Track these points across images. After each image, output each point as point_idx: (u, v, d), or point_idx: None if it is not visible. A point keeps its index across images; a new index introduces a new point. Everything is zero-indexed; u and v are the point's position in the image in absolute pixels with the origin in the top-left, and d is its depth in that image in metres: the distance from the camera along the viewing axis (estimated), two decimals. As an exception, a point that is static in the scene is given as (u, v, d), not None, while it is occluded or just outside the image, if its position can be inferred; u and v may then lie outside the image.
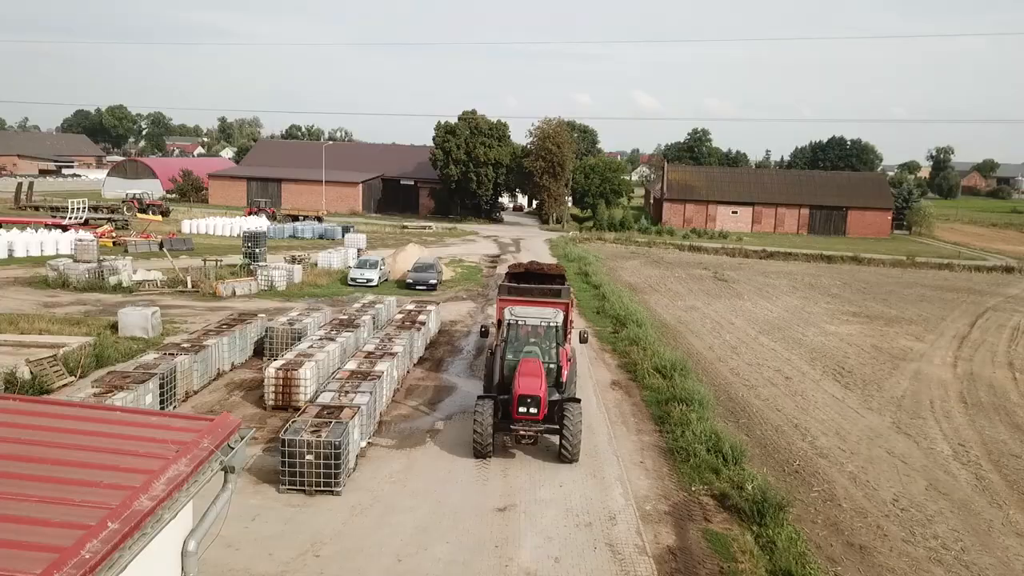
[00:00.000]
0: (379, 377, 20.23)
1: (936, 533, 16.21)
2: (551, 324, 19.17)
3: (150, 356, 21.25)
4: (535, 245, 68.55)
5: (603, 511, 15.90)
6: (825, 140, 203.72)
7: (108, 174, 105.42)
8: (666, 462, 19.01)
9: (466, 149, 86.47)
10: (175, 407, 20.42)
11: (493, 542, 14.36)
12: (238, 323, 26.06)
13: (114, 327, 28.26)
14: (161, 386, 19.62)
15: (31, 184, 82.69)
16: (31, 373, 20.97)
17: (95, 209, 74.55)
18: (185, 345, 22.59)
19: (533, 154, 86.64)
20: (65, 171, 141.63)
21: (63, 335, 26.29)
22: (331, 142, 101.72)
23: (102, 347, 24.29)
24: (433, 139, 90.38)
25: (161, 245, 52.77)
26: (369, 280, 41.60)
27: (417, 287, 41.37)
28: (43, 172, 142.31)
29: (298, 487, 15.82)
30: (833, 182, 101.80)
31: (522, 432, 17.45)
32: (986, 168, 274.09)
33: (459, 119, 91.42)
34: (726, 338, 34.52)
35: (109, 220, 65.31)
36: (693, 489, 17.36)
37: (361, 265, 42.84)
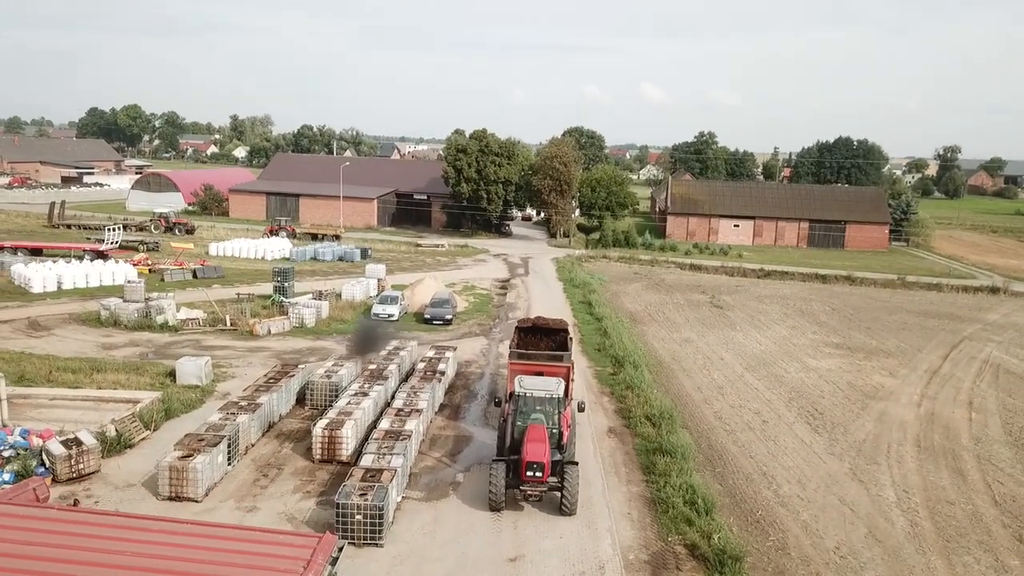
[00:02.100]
0: (409, 437, 24.12)
1: (865, 579, 19.98)
2: (554, 396, 22.83)
3: (215, 417, 25.13)
4: (543, 266, 72.25)
5: (594, 561, 19.72)
6: (832, 140, 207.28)
7: (132, 187, 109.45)
8: (649, 512, 22.81)
9: (477, 168, 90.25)
10: (239, 461, 24.34)
11: (506, 590, 18.23)
12: (283, 376, 29.96)
13: (171, 374, 32.22)
14: (228, 445, 23.58)
15: (63, 203, 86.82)
16: (116, 431, 24.93)
17: (124, 228, 78.92)
18: (243, 404, 26.46)
19: (541, 172, 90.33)
20: (86, 178, 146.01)
21: (132, 387, 30.26)
22: (347, 161, 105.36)
23: (169, 402, 28.23)
24: (445, 158, 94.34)
25: (195, 274, 56.81)
26: (391, 315, 45.51)
27: (434, 322, 45.24)
28: (65, 180, 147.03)
29: (349, 539, 19.69)
30: (832, 196, 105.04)
31: (529, 492, 21.23)
32: (993, 167, 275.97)
33: (470, 138, 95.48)
34: (714, 376, 38.23)
35: (141, 243, 69.44)
36: (669, 539, 21.16)
37: (383, 301, 46.71)
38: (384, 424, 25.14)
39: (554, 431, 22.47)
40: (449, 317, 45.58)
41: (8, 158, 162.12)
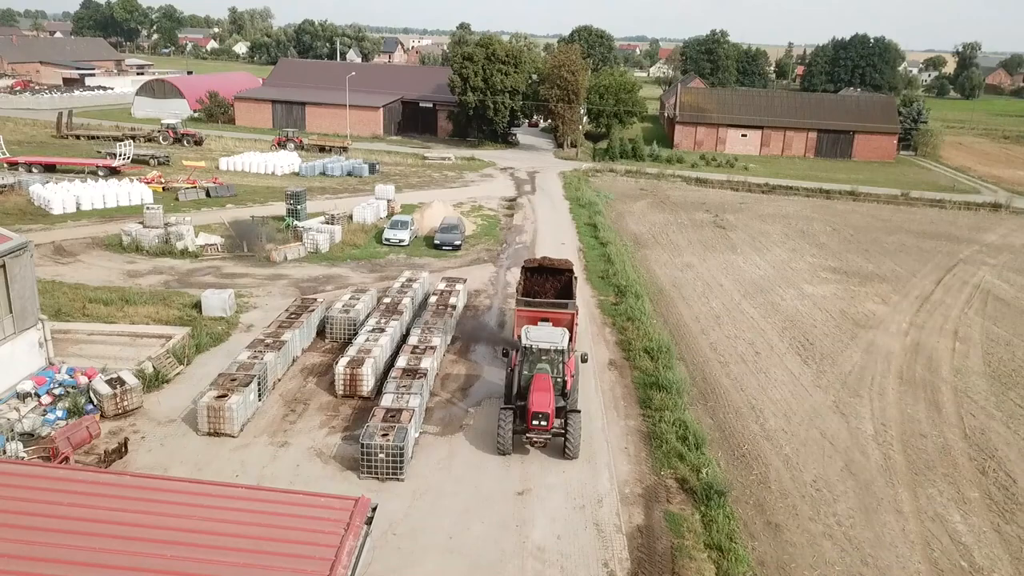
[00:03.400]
0: (425, 375, 26.12)
1: (836, 511, 22.23)
2: (558, 347, 24.49)
3: (244, 355, 27.06)
4: (550, 183, 72.91)
5: (593, 495, 21.97)
6: (848, 38, 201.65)
7: (137, 93, 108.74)
8: (645, 447, 24.98)
9: (483, 76, 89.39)
10: (268, 396, 26.44)
11: (515, 522, 20.52)
12: (303, 311, 31.75)
13: (197, 306, 34.06)
14: (258, 383, 25.63)
15: (70, 112, 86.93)
16: (153, 368, 26.96)
17: (133, 139, 79.48)
18: (268, 341, 28.35)
19: (548, 82, 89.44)
20: (88, 80, 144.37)
21: (161, 320, 32.15)
22: (353, 71, 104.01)
23: (199, 336, 30.18)
24: (451, 65, 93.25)
25: (208, 193, 57.98)
26: (401, 240, 46.99)
27: (443, 248, 46.74)
28: (67, 82, 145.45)
29: (373, 475, 21.94)
30: (842, 105, 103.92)
31: (535, 439, 23.16)
32: (1012, 64, 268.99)
33: (476, 45, 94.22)
34: (712, 305, 39.97)
35: (152, 157, 70.18)
36: (662, 473, 23.38)
37: (393, 226, 48.04)
38: (401, 362, 27.08)
39: (558, 380, 24.11)
40: (458, 243, 47.01)
41: (8, 58, 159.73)
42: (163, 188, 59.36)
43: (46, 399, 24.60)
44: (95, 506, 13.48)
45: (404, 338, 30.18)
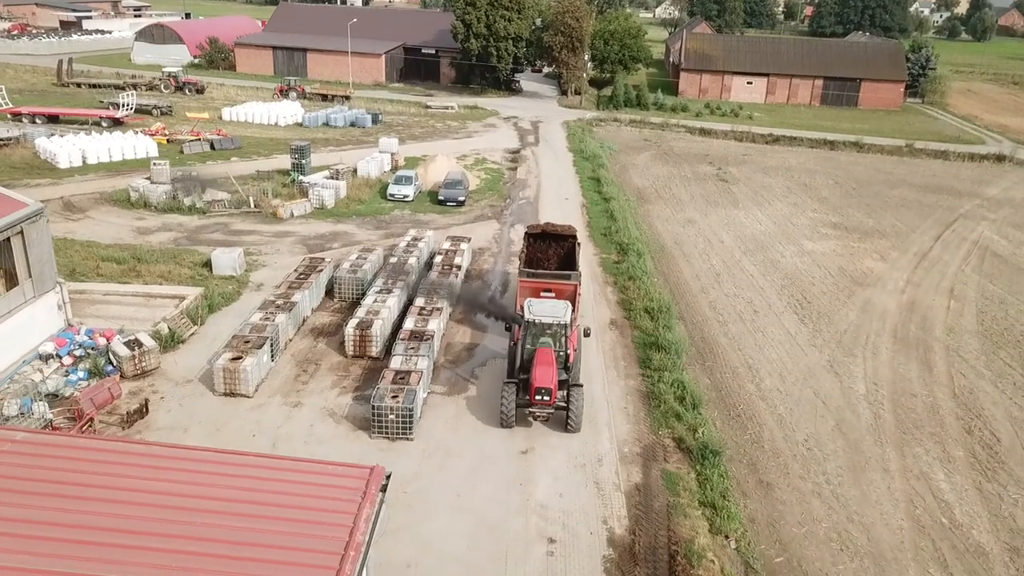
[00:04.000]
0: (432, 337, 26.98)
1: (825, 470, 23.28)
2: (561, 322, 24.57)
3: (256, 317, 27.90)
4: (553, 133, 72.75)
5: (594, 454, 23.01)
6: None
7: (136, 39, 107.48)
8: (643, 406, 25.95)
9: (486, 22, 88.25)
10: (280, 356, 27.36)
11: (519, 480, 21.59)
12: (312, 272, 32.46)
13: (207, 265, 34.77)
14: (271, 345, 26.51)
15: (71, 60, 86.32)
16: (169, 329, 27.83)
17: (134, 87, 79.16)
18: (279, 302, 29.14)
19: (552, 28, 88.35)
20: (86, 24, 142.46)
21: (173, 279, 32.92)
22: (355, 18, 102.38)
23: (211, 297, 30.97)
24: (454, 10, 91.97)
25: (212, 146, 58.14)
26: (405, 196, 47.43)
27: (447, 203, 47.17)
28: (64, 25, 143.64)
29: (384, 435, 22.96)
30: (849, 52, 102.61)
31: (537, 413, 23.53)
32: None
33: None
34: (713, 262, 40.60)
35: (155, 108, 70.02)
36: (659, 433, 24.38)
37: (398, 181, 48.39)
38: (409, 324, 27.91)
39: (561, 354, 24.21)
40: (462, 199, 47.41)
41: (3, 0, 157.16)
42: (167, 140, 59.52)
43: (67, 360, 25.53)
44: (120, 475, 14.36)
45: (411, 301, 30.88)
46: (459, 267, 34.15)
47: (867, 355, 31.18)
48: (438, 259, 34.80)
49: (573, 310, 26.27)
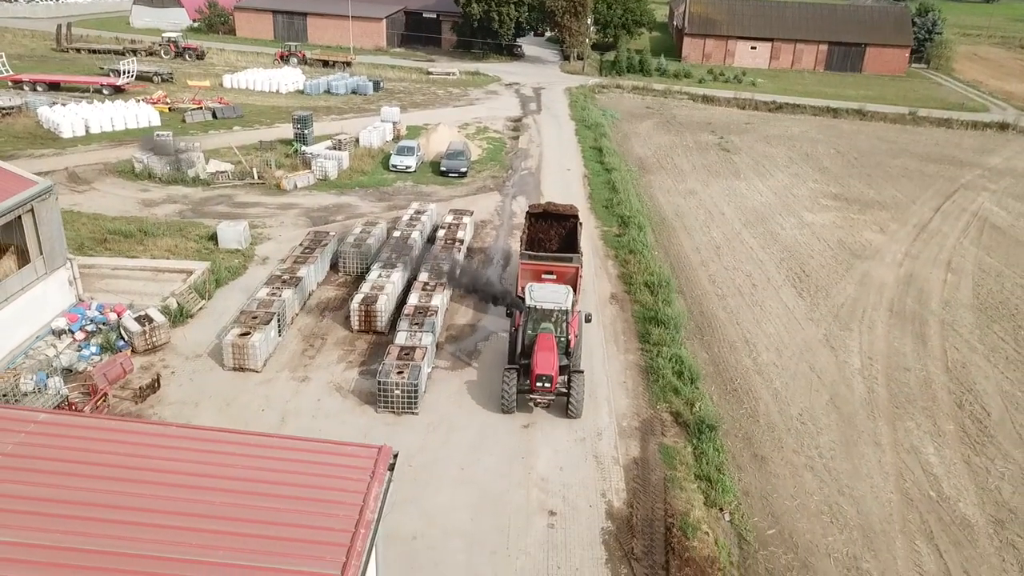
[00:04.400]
0: (435, 313, 27.51)
1: (819, 444, 23.96)
2: (562, 307, 24.35)
3: (263, 292, 28.41)
4: (555, 100, 72.52)
5: (593, 428, 23.67)
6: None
7: (134, 2, 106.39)
8: (642, 380, 26.57)
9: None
10: (287, 331, 27.94)
11: (521, 454, 22.28)
12: (316, 246, 32.89)
13: (213, 238, 35.20)
14: (278, 320, 27.07)
15: (69, 25, 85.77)
16: (178, 304, 28.36)
17: (134, 52, 78.80)
18: (285, 278, 29.63)
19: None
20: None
21: (180, 252, 33.38)
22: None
23: (218, 272, 31.46)
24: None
25: (214, 115, 58.13)
26: (408, 167, 47.62)
27: (449, 175, 47.38)
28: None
29: (390, 410, 23.62)
30: (854, 17, 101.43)
31: (538, 400, 23.77)
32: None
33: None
34: (713, 235, 40.96)
35: (156, 74, 69.78)
36: (657, 407, 25.03)
37: (400, 152, 48.53)
38: (413, 299, 28.42)
39: (562, 339, 24.21)
40: (464, 170, 47.58)
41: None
42: (169, 108, 59.51)
43: (79, 335, 26.13)
44: (138, 455, 14.93)
45: (415, 276, 31.29)
46: (462, 241, 34.55)
47: (863, 329, 31.71)
48: (441, 233, 35.18)
49: (575, 292, 26.55)
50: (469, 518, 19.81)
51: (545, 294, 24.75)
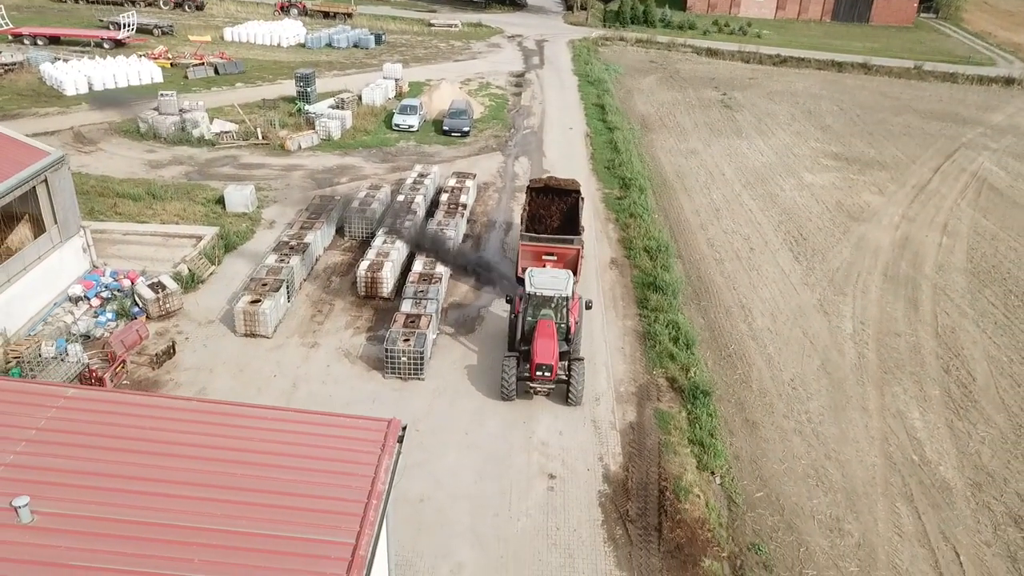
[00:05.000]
0: (440, 280, 28.30)
1: (808, 409, 24.95)
2: (563, 295, 24.10)
3: (271, 259, 29.16)
4: (558, 54, 72.04)
5: (592, 393, 24.63)
6: None
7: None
8: (639, 346, 27.47)
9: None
10: (295, 296, 28.78)
11: (522, 420, 23.29)
12: (322, 211, 33.51)
13: (220, 201, 35.80)
14: (287, 287, 27.89)
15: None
16: (189, 270, 29.15)
17: (132, 3, 78.02)
18: (292, 244, 30.34)
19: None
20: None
21: (189, 216, 34.02)
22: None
23: (227, 237, 32.15)
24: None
25: (216, 70, 58.02)
26: (411, 126, 47.86)
27: (452, 134, 47.63)
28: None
29: (397, 376, 24.60)
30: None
31: (538, 388, 23.52)
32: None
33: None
34: (713, 197, 41.44)
35: (156, 27, 69.29)
36: (654, 372, 25.97)
37: (402, 111, 48.70)
38: (417, 267, 29.16)
39: (562, 325, 24.15)
40: (466, 129, 47.81)
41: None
42: (171, 64, 59.38)
43: (95, 302, 26.99)
44: (160, 428, 15.80)
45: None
46: (464, 206, 35.11)
47: (857, 294, 32.47)
48: (444, 197, 35.72)
49: (576, 275, 26.69)
50: (473, 481, 20.90)
51: (545, 280, 24.54)
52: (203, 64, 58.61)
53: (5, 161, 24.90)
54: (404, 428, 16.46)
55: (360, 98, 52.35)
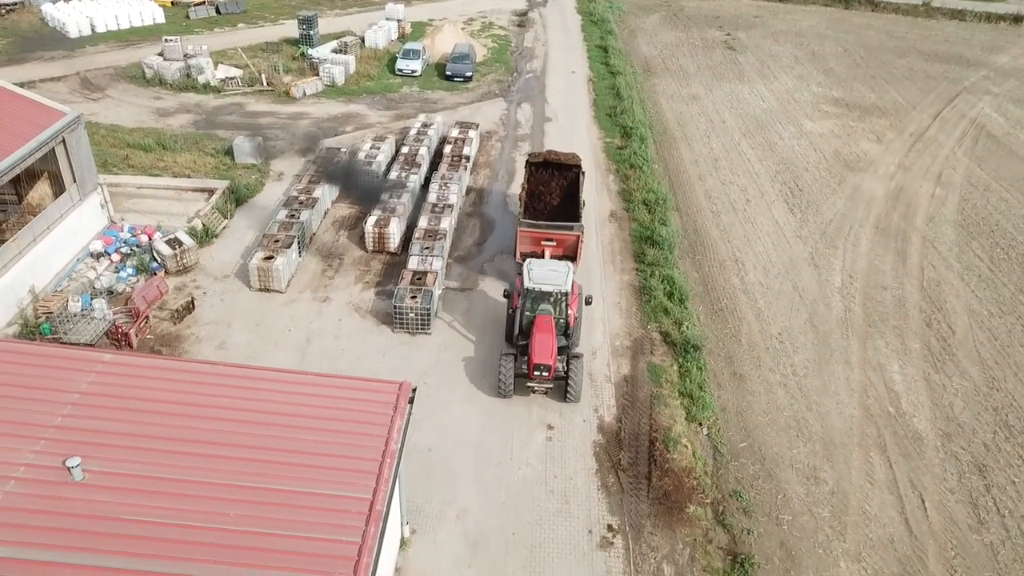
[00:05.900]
0: (444, 236, 29.43)
1: (793, 362, 26.40)
2: (562, 290, 23.79)
3: (282, 214, 30.22)
4: (561, -9, 71.25)
5: (589, 347, 26.04)
6: None
7: None
8: (635, 300, 28.77)
9: None
10: (306, 251, 29.97)
11: (523, 373, 24.79)
12: (329, 163, 34.35)
13: (229, 152, 36.62)
14: (298, 242, 29.07)
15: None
16: (203, 225, 30.26)
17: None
18: (302, 198, 31.35)
19: None
20: None
21: (199, 168, 34.92)
22: None
23: (237, 190, 33.11)
24: None
25: (218, 10, 57.72)
26: (414, 71, 48.13)
27: (455, 79, 47.91)
28: None
29: (405, 330, 26.00)
30: None
31: (536, 387, 23.30)
32: None
33: None
34: (713, 146, 42.07)
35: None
36: (648, 327, 27.35)
37: (405, 55, 48.85)
38: (423, 223, 30.22)
39: (561, 320, 23.98)
40: (469, 74, 48.05)
41: None
42: (172, 3, 59.05)
43: (115, 257, 28.22)
44: (191, 391, 17.17)
45: (425, 184, 32.98)
46: (468, 158, 35.90)
47: (848, 247, 33.56)
48: (447, 148, 36.47)
49: (576, 259, 27.29)
50: (477, 431, 22.52)
51: (544, 274, 24.12)
52: (204, 3, 58.28)
53: (25, 123, 25.77)
54: (414, 390, 17.93)
55: (363, 41, 52.33)
